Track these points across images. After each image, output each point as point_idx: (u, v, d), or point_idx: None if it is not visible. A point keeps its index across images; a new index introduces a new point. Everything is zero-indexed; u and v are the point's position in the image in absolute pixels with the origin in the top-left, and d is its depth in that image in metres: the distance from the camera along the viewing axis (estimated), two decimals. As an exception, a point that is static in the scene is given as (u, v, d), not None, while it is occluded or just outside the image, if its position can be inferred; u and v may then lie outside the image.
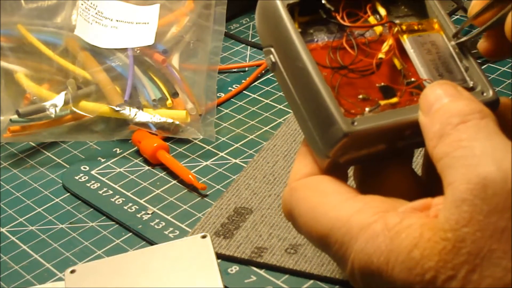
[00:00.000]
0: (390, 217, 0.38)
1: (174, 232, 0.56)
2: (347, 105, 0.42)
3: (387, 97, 0.43)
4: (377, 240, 0.37)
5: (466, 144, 0.37)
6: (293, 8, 0.44)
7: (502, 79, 0.69)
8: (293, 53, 0.42)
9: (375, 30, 0.45)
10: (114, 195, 0.61)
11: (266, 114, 0.69)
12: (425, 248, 0.36)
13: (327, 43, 0.44)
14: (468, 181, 0.36)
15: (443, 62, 0.44)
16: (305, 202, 0.42)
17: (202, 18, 0.73)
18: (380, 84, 0.43)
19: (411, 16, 0.47)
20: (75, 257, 0.56)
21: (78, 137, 0.68)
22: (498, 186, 0.35)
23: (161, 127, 0.66)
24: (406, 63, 0.44)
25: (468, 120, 0.38)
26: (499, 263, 0.35)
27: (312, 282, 0.51)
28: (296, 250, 0.53)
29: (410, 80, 0.44)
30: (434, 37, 0.45)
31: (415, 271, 0.36)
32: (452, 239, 0.35)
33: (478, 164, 0.36)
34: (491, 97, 0.43)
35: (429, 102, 0.40)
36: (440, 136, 0.38)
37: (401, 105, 0.43)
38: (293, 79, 0.43)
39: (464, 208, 0.35)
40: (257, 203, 0.57)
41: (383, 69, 0.44)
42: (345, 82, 0.43)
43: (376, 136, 0.42)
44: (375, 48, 0.44)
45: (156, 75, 0.68)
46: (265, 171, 0.61)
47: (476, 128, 0.37)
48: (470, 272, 0.35)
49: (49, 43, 0.71)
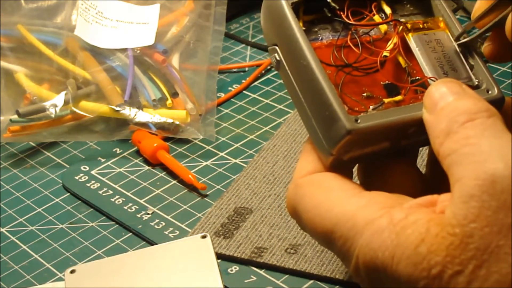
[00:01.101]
0: (396, 213, 0.38)
1: (174, 232, 0.56)
2: (351, 103, 0.42)
3: (391, 95, 0.43)
4: (382, 235, 0.37)
5: (474, 141, 0.37)
6: (298, 7, 0.44)
7: (502, 79, 0.69)
8: (298, 51, 0.42)
9: (380, 28, 0.45)
10: (114, 195, 0.61)
11: (266, 114, 0.69)
12: (432, 244, 0.36)
13: (332, 42, 0.44)
14: (476, 177, 0.36)
15: (448, 61, 0.44)
16: (310, 199, 0.42)
17: (202, 18, 0.73)
18: (385, 82, 0.43)
19: (417, 15, 0.47)
20: (75, 257, 0.56)
21: (78, 137, 0.68)
22: (506, 182, 0.35)
23: (161, 127, 0.65)
24: (411, 61, 0.44)
25: (475, 118, 0.38)
26: (506, 259, 0.35)
27: (312, 282, 0.51)
28: (296, 250, 0.53)
29: (415, 78, 0.44)
30: (439, 36, 0.45)
31: (421, 266, 0.36)
32: (460, 234, 0.35)
33: (486, 161, 0.36)
34: (496, 95, 0.43)
35: (434, 100, 0.40)
36: (447, 133, 0.38)
37: (406, 103, 0.43)
38: (297, 77, 0.43)
39: (472, 203, 0.36)
40: (257, 203, 0.57)
41: (387, 67, 0.44)
42: (349, 80, 0.43)
43: (379, 134, 0.42)
44: (380, 46, 0.44)
45: (156, 75, 0.68)
46: (265, 171, 0.60)
47: (483, 126, 0.38)
48: (477, 268, 0.35)
49: (49, 43, 0.71)
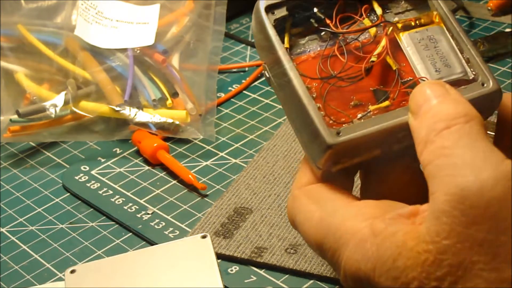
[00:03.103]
0: (377, 223, 0.38)
1: (174, 232, 0.56)
2: (336, 115, 0.42)
3: (380, 100, 0.43)
4: (365, 246, 0.37)
5: (448, 152, 0.36)
6: (284, 21, 0.44)
7: (502, 79, 0.69)
8: (279, 68, 0.43)
9: (370, 31, 0.45)
10: (114, 195, 0.61)
11: (266, 114, 0.69)
12: (409, 258, 0.36)
13: (319, 53, 0.44)
14: (446, 192, 0.35)
15: (442, 57, 0.44)
16: (303, 211, 0.42)
17: (202, 18, 0.73)
18: (374, 87, 0.43)
19: (412, 11, 0.46)
20: (75, 257, 0.56)
21: (78, 137, 0.68)
22: (476, 197, 0.35)
23: (161, 127, 0.65)
24: (403, 61, 0.44)
25: (452, 125, 0.37)
26: (480, 275, 0.35)
27: (312, 282, 0.51)
28: (296, 249, 0.53)
29: (407, 79, 0.43)
30: (433, 31, 0.45)
31: (399, 280, 0.36)
32: (434, 251, 0.35)
33: (457, 175, 0.35)
34: (491, 88, 0.42)
35: (418, 103, 0.39)
36: (425, 142, 0.38)
37: (395, 107, 0.42)
38: (282, 94, 0.43)
39: (444, 219, 0.35)
40: (257, 203, 0.57)
41: (376, 71, 0.44)
42: (335, 91, 0.43)
43: (365, 143, 0.41)
44: (371, 51, 0.44)
45: (156, 75, 0.68)
46: (265, 171, 0.60)
47: (458, 134, 0.37)
48: (453, 284, 0.35)
49: (49, 43, 0.71)
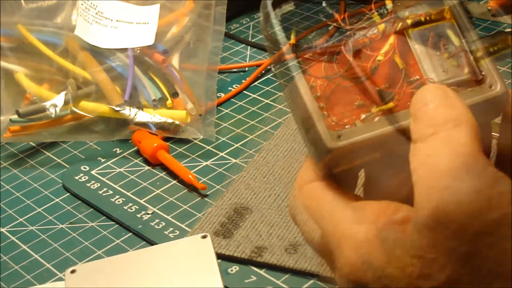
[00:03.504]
0: (371, 229, 0.37)
1: (174, 232, 0.56)
2: (339, 115, 0.41)
3: (385, 101, 0.42)
4: (358, 252, 0.37)
5: (430, 161, 0.36)
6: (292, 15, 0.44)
7: (502, 79, 0.69)
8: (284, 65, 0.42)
9: (378, 27, 0.44)
10: (114, 195, 0.61)
11: (266, 114, 0.69)
12: (396, 268, 0.36)
13: (326, 49, 0.43)
14: (426, 206, 0.35)
15: (450, 56, 0.43)
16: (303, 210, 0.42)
17: (202, 18, 0.73)
18: (380, 87, 0.42)
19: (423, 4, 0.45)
20: (75, 257, 0.56)
21: (78, 137, 0.68)
22: (455, 212, 0.34)
23: (161, 127, 0.65)
24: (411, 59, 0.43)
25: (440, 131, 0.37)
26: None
27: (312, 282, 0.51)
28: (296, 249, 0.53)
29: (414, 79, 0.42)
30: (443, 28, 0.44)
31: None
32: (418, 264, 0.35)
33: (436, 186, 0.35)
34: (498, 91, 0.41)
35: (416, 108, 0.39)
36: (413, 149, 0.37)
37: (400, 108, 0.41)
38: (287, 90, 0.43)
39: (425, 233, 0.35)
40: (257, 203, 0.57)
41: (383, 70, 0.43)
42: (341, 90, 0.42)
43: (366, 148, 0.41)
44: (379, 47, 0.43)
45: (156, 75, 0.68)
46: (265, 171, 0.60)
47: (443, 142, 0.36)
48: None
49: (49, 43, 0.71)
